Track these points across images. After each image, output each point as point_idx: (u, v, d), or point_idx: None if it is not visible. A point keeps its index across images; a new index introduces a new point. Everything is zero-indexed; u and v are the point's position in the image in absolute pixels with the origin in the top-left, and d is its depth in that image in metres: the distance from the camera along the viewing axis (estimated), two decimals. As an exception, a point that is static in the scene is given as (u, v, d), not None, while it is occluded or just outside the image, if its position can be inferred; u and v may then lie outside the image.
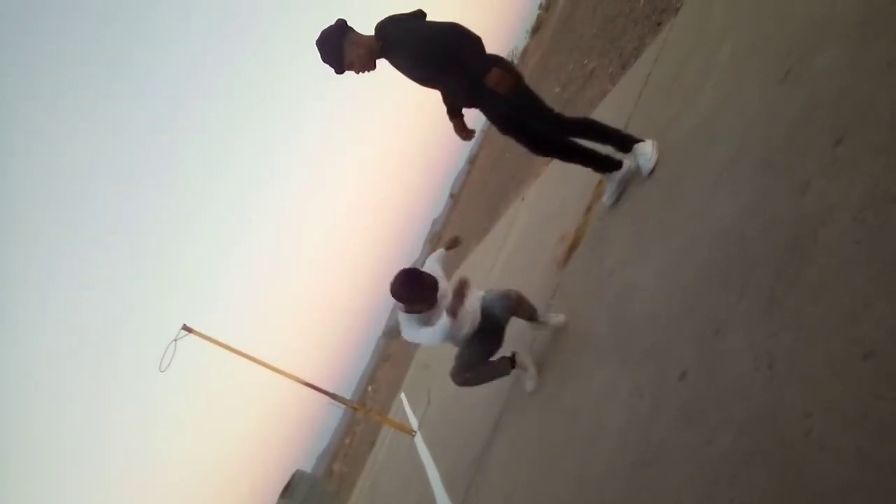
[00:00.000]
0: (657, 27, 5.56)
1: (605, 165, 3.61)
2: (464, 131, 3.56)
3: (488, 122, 3.52)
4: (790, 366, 1.53)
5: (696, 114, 3.19)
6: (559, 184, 6.80)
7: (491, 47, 3.22)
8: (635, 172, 3.52)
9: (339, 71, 3.16)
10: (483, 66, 3.09)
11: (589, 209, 4.40)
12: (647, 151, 3.38)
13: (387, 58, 3.24)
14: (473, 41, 3.12)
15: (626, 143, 3.47)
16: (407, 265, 3.55)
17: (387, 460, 12.13)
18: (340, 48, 3.10)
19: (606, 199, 3.74)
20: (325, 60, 3.15)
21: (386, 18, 3.22)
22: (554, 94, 10.28)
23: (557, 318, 3.60)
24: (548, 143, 3.48)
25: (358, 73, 3.17)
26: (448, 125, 3.58)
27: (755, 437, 1.52)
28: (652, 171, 3.33)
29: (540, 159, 9.43)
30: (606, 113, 5.67)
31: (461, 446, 4.93)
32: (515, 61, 39.34)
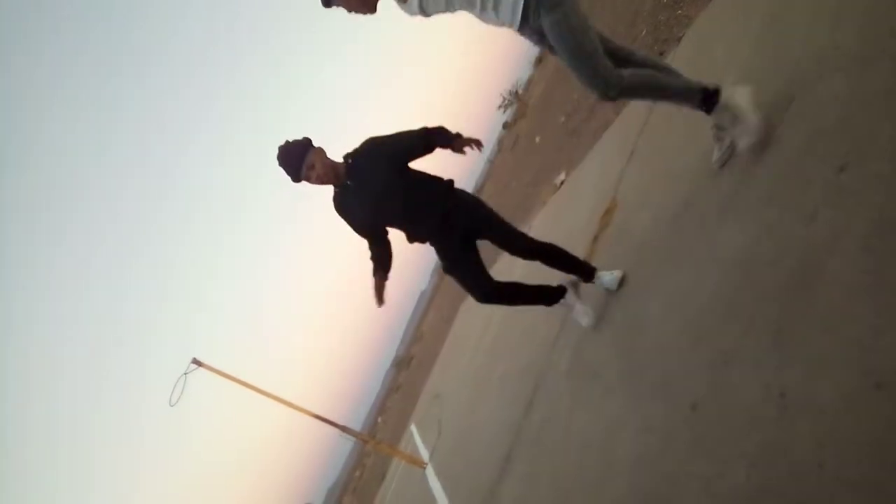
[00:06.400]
0: (660, 56, 5.62)
1: (582, 271, 3.48)
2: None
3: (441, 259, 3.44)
4: (801, 397, 1.52)
5: (701, 144, 3.20)
6: (566, 212, 6.82)
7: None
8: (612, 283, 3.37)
9: (296, 179, 3.18)
10: (449, 136, 3.15)
11: (595, 239, 4.41)
12: (611, 279, 3.35)
13: (352, 183, 3.22)
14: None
15: (587, 272, 3.42)
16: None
17: (397, 493, 11.97)
18: (302, 157, 3.13)
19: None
20: (282, 165, 3.17)
21: None
22: (559, 124, 10.36)
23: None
24: (524, 251, 3.41)
25: (314, 182, 3.16)
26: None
27: (768, 470, 1.50)
28: (620, 284, 3.30)
29: (545, 187, 9.49)
30: (611, 142, 5.71)
31: (473, 478, 4.87)
32: (520, 92, 39.66)
